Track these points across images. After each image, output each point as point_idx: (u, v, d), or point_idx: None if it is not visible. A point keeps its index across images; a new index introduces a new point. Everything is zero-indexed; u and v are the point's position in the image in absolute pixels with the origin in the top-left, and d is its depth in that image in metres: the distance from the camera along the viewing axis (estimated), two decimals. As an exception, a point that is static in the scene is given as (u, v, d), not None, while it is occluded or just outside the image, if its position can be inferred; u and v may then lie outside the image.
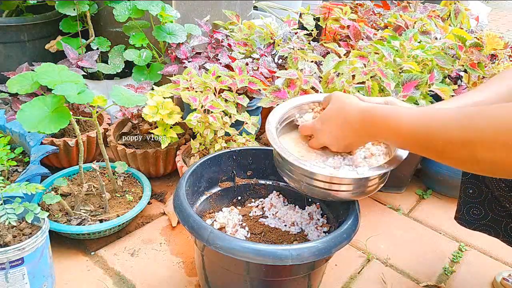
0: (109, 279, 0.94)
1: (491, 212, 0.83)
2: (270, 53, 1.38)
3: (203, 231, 0.69)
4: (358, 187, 0.75)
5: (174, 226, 1.10)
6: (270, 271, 0.73)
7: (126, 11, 1.34)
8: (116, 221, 1.00)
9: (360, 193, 0.76)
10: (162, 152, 1.19)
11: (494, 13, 4.59)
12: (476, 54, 1.20)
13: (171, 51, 1.34)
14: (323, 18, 1.58)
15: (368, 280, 0.99)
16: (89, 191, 1.08)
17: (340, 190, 0.75)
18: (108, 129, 1.26)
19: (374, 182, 0.76)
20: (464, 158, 0.56)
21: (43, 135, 1.09)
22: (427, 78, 1.08)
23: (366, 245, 1.09)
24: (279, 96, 1.09)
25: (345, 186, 0.74)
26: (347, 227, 0.73)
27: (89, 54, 1.34)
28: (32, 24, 1.47)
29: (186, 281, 0.94)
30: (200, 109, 1.06)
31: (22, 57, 1.49)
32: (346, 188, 0.75)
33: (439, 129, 0.58)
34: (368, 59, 1.15)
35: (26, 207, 0.79)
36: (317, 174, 0.73)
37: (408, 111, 0.64)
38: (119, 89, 0.97)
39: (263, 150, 0.98)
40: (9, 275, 0.76)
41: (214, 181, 0.96)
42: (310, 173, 0.73)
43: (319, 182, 0.74)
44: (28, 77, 0.96)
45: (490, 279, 1.02)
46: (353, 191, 0.75)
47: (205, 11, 1.53)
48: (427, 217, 1.23)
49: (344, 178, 0.73)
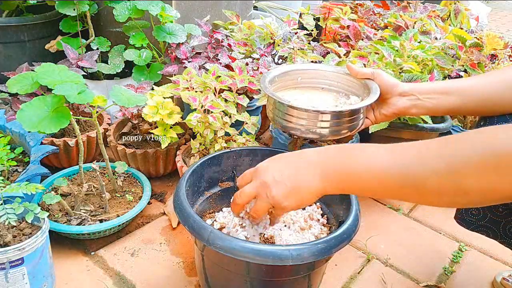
0: (109, 279, 0.94)
1: (489, 212, 0.83)
2: (270, 53, 1.38)
3: (203, 231, 0.69)
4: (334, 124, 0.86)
5: (174, 227, 1.10)
6: (270, 271, 0.73)
7: (126, 11, 1.34)
8: (116, 221, 1.00)
9: (336, 132, 0.87)
10: (162, 152, 1.19)
11: (494, 13, 4.59)
12: (476, 54, 1.20)
13: (171, 51, 1.34)
14: (323, 18, 1.58)
15: (368, 280, 0.99)
16: (89, 191, 1.08)
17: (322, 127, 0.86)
18: (108, 129, 1.26)
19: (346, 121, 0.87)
20: (449, 191, 0.51)
21: (43, 135, 1.09)
22: (427, 78, 1.08)
23: (366, 245, 1.09)
24: (279, 96, 1.09)
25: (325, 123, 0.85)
26: (347, 227, 0.73)
27: (89, 54, 1.33)
28: (32, 24, 1.47)
29: (186, 281, 0.94)
30: (200, 109, 1.06)
31: (22, 57, 1.49)
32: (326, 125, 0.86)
33: (419, 163, 0.52)
34: (368, 59, 1.15)
35: (26, 207, 0.79)
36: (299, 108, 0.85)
37: (376, 146, 0.58)
38: (119, 89, 0.97)
39: (263, 150, 0.98)
40: (9, 275, 0.76)
41: (214, 181, 0.96)
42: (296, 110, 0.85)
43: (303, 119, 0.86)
44: (28, 77, 0.96)
45: (490, 279, 1.02)
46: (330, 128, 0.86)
47: (205, 11, 1.53)
48: (427, 217, 1.23)
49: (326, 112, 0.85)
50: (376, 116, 0.91)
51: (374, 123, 0.93)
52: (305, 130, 0.87)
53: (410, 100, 0.85)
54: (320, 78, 1.01)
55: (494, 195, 0.50)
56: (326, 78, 1.00)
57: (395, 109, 0.87)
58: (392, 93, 0.87)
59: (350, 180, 0.58)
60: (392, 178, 0.54)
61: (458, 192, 0.51)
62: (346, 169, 0.58)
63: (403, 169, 0.53)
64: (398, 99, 0.86)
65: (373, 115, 0.92)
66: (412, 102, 0.85)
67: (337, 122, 0.86)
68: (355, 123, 0.89)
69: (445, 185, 0.51)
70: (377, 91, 0.86)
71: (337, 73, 0.99)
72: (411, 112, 0.86)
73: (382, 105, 0.89)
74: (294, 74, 1.01)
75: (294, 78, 1.01)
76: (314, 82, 1.01)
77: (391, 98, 0.87)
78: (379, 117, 0.91)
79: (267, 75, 0.96)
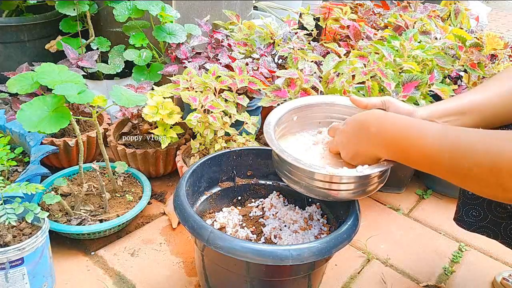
0: (109, 279, 0.94)
1: (490, 213, 0.82)
2: (270, 53, 1.38)
3: (204, 231, 0.69)
4: (358, 186, 0.75)
5: (174, 227, 1.10)
6: (270, 271, 0.73)
7: (126, 11, 1.34)
8: (116, 221, 1.00)
9: (360, 193, 0.76)
10: (162, 152, 1.19)
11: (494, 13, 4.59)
12: (476, 54, 1.20)
13: (171, 51, 1.34)
14: (323, 18, 1.58)
15: (368, 280, 0.99)
16: (89, 191, 1.08)
17: (340, 190, 0.74)
18: (108, 129, 1.26)
19: (374, 181, 0.76)
20: (490, 184, 0.54)
21: (43, 135, 1.09)
22: (427, 78, 1.08)
23: (366, 245, 1.09)
24: (279, 95, 1.09)
25: (345, 186, 0.74)
26: (347, 227, 0.73)
27: (89, 54, 1.33)
28: (32, 24, 1.47)
29: (186, 281, 0.94)
30: (200, 109, 1.06)
31: (22, 57, 1.49)
32: (346, 188, 0.74)
33: (466, 151, 0.55)
34: (368, 59, 1.15)
35: (26, 207, 0.79)
36: (316, 173, 0.72)
37: (431, 126, 0.61)
38: (119, 89, 0.97)
39: (263, 150, 0.98)
40: (9, 275, 0.76)
41: (214, 181, 0.96)
42: (309, 173, 0.73)
43: (319, 182, 0.73)
44: (28, 77, 0.96)
45: (490, 279, 1.02)
46: (353, 190, 0.75)
47: (205, 11, 1.53)
48: (427, 217, 1.23)
49: (344, 177, 0.72)
50: None
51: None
52: (324, 195, 0.76)
53: None
54: (338, 114, 0.90)
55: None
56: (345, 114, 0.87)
57: None
58: None
59: (402, 155, 0.66)
60: (440, 163, 0.59)
61: (498, 187, 0.53)
62: (400, 145, 0.65)
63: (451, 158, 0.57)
64: None
65: None
66: None
67: (361, 184, 0.75)
68: (381, 179, 0.78)
69: (487, 179, 0.54)
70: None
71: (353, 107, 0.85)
72: None
73: None
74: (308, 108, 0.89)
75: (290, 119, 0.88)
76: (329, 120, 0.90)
77: None
78: None
79: (272, 114, 0.84)
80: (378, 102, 0.81)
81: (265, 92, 1.11)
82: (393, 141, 0.66)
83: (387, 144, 0.67)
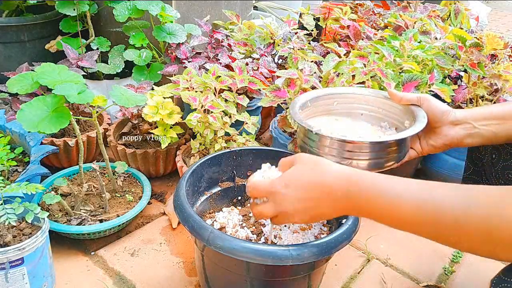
0: (109, 279, 0.94)
1: None
2: (270, 53, 1.38)
3: (204, 231, 0.69)
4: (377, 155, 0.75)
5: (174, 227, 1.10)
6: (270, 271, 0.73)
7: (126, 11, 1.34)
8: (116, 221, 1.00)
9: (378, 164, 0.76)
10: (162, 152, 1.19)
11: (494, 13, 4.59)
12: (476, 54, 1.20)
13: (171, 51, 1.34)
14: (323, 18, 1.58)
15: (368, 280, 0.99)
16: (89, 191, 1.08)
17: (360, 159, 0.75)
18: (108, 129, 1.26)
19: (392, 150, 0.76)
20: (485, 253, 0.51)
21: (43, 135, 1.09)
22: (427, 78, 1.08)
23: (366, 245, 1.09)
24: (279, 95, 1.09)
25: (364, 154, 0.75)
26: (347, 227, 0.73)
27: (89, 54, 1.34)
28: (32, 24, 1.47)
29: (186, 281, 0.94)
30: (200, 109, 1.06)
31: (22, 57, 1.49)
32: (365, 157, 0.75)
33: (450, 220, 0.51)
34: (368, 59, 1.15)
35: (26, 207, 0.79)
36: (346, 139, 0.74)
37: (407, 186, 0.56)
38: (119, 89, 0.97)
39: (263, 150, 0.98)
40: (9, 275, 0.76)
41: (214, 181, 0.96)
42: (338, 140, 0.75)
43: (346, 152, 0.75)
44: (28, 77, 0.96)
45: (490, 279, 1.01)
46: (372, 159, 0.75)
47: (205, 11, 1.53)
48: (427, 217, 1.23)
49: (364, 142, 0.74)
50: (423, 147, 0.81)
51: (421, 154, 0.82)
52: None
53: (465, 129, 0.75)
54: (358, 103, 0.92)
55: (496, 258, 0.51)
56: (365, 103, 0.92)
57: (446, 140, 0.77)
58: (442, 122, 0.77)
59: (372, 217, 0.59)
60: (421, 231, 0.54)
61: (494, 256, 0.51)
62: (369, 210, 0.58)
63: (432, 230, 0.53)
64: (450, 129, 0.76)
65: (420, 145, 0.81)
66: (467, 131, 0.75)
67: (379, 154, 0.76)
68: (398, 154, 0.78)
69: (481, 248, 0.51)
70: (424, 119, 0.77)
71: (377, 97, 0.90)
72: (465, 142, 0.76)
73: (430, 135, 0.79)
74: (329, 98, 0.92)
75: (329, 103, 0.92)
76: (352, 108, 0.93)
77: (442, 127, 0.77)
78: (426, 148, 0.81)
79: (297, 100, 0.87)
80: (414, 98, 0.80)
81: (265, 92, 1.11)
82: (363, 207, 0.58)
83: (354, 210, 0.60)
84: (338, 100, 0.92)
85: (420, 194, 0.54)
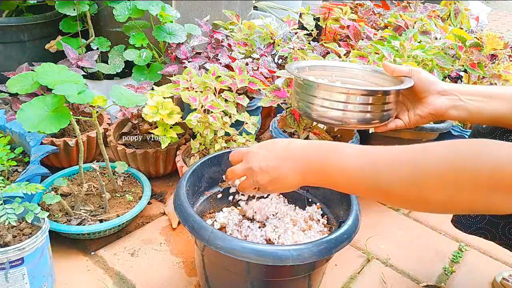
0: (109, 279, 0.94)
1: (488, 214, 0.82)
2: (270, 53, 1.38)
3: (204, 231, 0.69)
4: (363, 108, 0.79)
5: (174, 227, 1.10)
6: (271, 272, 0.73)
7: (126, 11, 1.34)
8: (116, 221, 1.00)
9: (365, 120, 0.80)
10: (162, 152, 1.19)
11: (494, 13, 4.59)
12: (476, 54, 1.20)
13: (171, 51, 1.34)
14: (323, 18, 1.58)
15: (368, 280, 0.99)
16: (89, 191, 1.08)
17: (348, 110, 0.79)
18: (108, 129, 1.26)
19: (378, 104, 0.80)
20: (413, 199, 0.54)
21: (43, 135, 1.09)
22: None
23: (366, 245, 1.09)
24: (279, 95, 1.09)
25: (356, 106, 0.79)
26: (347, 228, 0.73)
27: (89, 54, 1.33)
28: (32, 24, 1.47)
29: (186, 281, 0.94)
30: (200, 109, 1.06)
31: (22, 57, 1.49)
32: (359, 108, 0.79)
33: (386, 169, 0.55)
34: (368, 59, 1.15)
35: (26, 207, 0.79)
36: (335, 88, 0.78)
37: (354, 148, 0.61)
38: (119, 89, 0.97)
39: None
40: (9, 275, 0.76)
41: (214, 181, 0.96)
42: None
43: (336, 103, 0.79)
44: (28, 77, 0.96)
45: (490, 279, 1.02)
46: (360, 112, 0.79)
47: (205, 11, 1.53)
48: (427, 217, 1.23)
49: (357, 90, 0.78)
50: (410, 118, 0.83)
51: (408, 126, 0.84)
52: (332, 116, 0.81)
53: (450, 100, 0.77)
54: (352, 77, 0.96)
55: (453, 207, 0.53)
56: (359, 77, 0.95)
57: (432, 109, 0.78)
58: (430, 91, 0.79)
59: (325, 178, 0.63)
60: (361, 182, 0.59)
61: (419, 200, 0.54)
62: (323, 168, 0.63)
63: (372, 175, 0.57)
64: (436, 98, 0.78)
65: (407, 116, 0.84)
66: (453, 102, 0.77)
67: (366, 106, 0.79)
68: (383, 112, 0.80)
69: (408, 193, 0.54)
70: (410, 83, 0.80)
71: (371, 71, 0.95)
72: (450, 114, 0.77)
73: (417, 105, 0.82)
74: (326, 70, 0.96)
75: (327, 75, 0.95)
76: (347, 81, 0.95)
77: (428, 96, 0.79)
78: (413, 119, 0.83)
79: (294, 63, 0.91)
80: (406, 70, 0.83)
81: (265, 92, 1.11)
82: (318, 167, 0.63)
83: (310, 171, 0.64)
84: (336, 73, 0.96)
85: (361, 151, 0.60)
